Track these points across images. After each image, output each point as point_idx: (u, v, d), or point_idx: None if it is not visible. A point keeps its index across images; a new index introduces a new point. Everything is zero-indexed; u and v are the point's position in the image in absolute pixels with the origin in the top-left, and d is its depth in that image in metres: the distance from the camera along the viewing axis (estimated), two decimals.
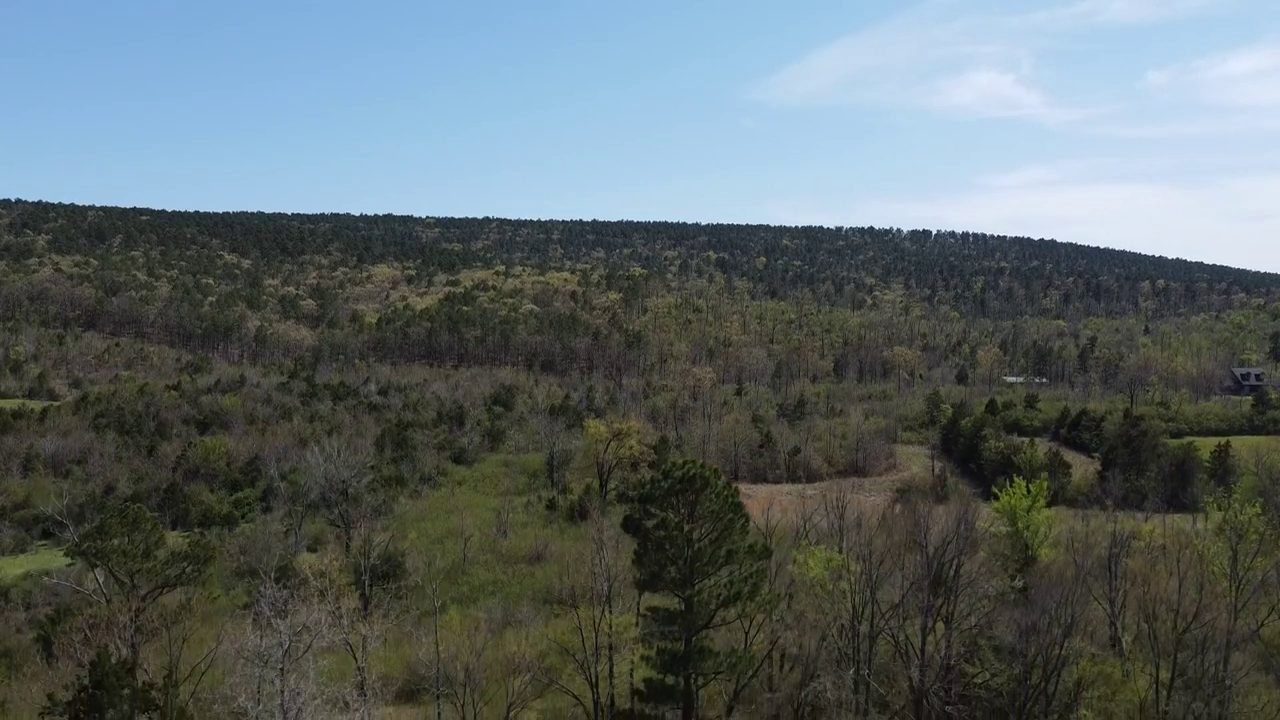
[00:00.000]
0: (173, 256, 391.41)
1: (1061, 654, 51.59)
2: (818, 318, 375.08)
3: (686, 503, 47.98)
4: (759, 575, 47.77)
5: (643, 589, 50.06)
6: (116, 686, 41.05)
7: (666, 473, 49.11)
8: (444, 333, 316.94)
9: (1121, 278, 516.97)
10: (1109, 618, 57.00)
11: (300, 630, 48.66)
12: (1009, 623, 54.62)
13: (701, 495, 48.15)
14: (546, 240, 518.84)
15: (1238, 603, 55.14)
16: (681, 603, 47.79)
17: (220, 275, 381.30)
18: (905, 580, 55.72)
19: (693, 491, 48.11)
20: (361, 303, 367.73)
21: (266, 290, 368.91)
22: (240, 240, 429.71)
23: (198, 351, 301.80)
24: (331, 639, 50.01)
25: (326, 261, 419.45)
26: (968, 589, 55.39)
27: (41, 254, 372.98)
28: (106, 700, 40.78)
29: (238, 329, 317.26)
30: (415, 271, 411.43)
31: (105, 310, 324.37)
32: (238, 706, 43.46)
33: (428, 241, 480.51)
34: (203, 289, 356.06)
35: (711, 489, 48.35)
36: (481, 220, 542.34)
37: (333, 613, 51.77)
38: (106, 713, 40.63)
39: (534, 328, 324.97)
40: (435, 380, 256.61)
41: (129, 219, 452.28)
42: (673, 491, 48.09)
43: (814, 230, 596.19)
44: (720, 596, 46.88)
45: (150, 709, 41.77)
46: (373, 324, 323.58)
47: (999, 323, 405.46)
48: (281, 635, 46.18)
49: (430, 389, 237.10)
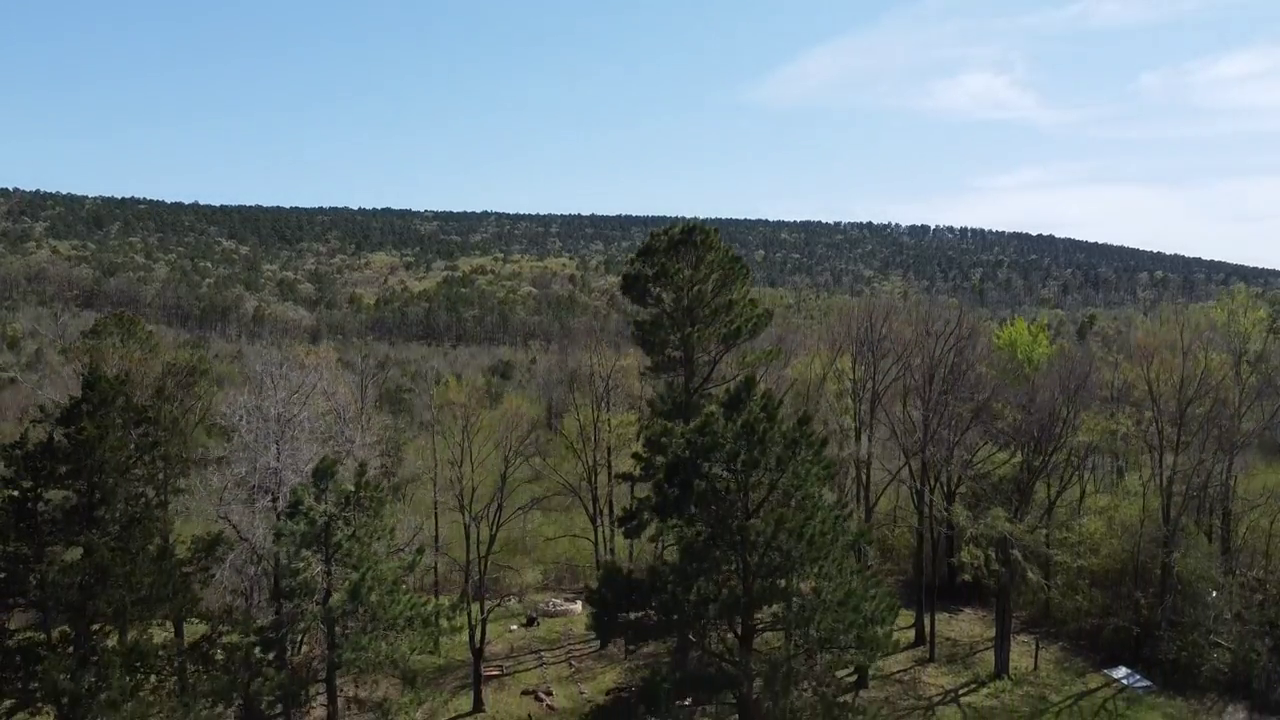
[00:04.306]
0: (171, 243, 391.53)
1: (1067, 420, 51.09)
2: (816, 303, 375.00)
3: (690, 255, 47.39)
4: (760, 319, 47.18)
5: (640, 343, 49.36)
6: (109, 396, 40.29)
7: (668, 228, 48.51)
8: (442, 313, 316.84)
9: (1119, 269, 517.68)
10: (1111, 393, 56.49)
11: (298, 388, 48.17)
12: (1012, 402, 54.09)
13: (704, 248, 47.59)
14: (545, 233, 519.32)
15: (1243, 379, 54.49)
16: (680, 347, 47.16)
17: (218, 260, 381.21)
18: (908, 369, 55.28)
19: (695, 244, 47.55)
20: (360, 287, 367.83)
21: (265, 275, 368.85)
22: (239, 228, 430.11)
23: (195, 331, 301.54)
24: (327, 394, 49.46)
25: (325, 249, 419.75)
26: (969, 372, 54.96)
27: (40, 239, 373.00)
28: (98, 410, 39.97)
29: (235, 309, 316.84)
30: (414, 258, 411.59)
31: (103, 290, 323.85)
32: (229, 423, 42.81)
33: (426, 234, 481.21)
34: (200, 272, 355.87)
35: (714, 244, 47.81)
36: (480, 214, 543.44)
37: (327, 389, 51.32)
38: (97, 420, 39.81)
39: (532, 309, 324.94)
40: (434, 356, 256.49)
41: (127, 207, 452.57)
42: (677, 244, 47.50)
43: (812, 225, 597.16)
44: (721, 334, 46.29)
45: (143, 421, 40.98)
46: (371, 305, 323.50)
47: (997, 312, 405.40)
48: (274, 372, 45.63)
49: (429, 364, 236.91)
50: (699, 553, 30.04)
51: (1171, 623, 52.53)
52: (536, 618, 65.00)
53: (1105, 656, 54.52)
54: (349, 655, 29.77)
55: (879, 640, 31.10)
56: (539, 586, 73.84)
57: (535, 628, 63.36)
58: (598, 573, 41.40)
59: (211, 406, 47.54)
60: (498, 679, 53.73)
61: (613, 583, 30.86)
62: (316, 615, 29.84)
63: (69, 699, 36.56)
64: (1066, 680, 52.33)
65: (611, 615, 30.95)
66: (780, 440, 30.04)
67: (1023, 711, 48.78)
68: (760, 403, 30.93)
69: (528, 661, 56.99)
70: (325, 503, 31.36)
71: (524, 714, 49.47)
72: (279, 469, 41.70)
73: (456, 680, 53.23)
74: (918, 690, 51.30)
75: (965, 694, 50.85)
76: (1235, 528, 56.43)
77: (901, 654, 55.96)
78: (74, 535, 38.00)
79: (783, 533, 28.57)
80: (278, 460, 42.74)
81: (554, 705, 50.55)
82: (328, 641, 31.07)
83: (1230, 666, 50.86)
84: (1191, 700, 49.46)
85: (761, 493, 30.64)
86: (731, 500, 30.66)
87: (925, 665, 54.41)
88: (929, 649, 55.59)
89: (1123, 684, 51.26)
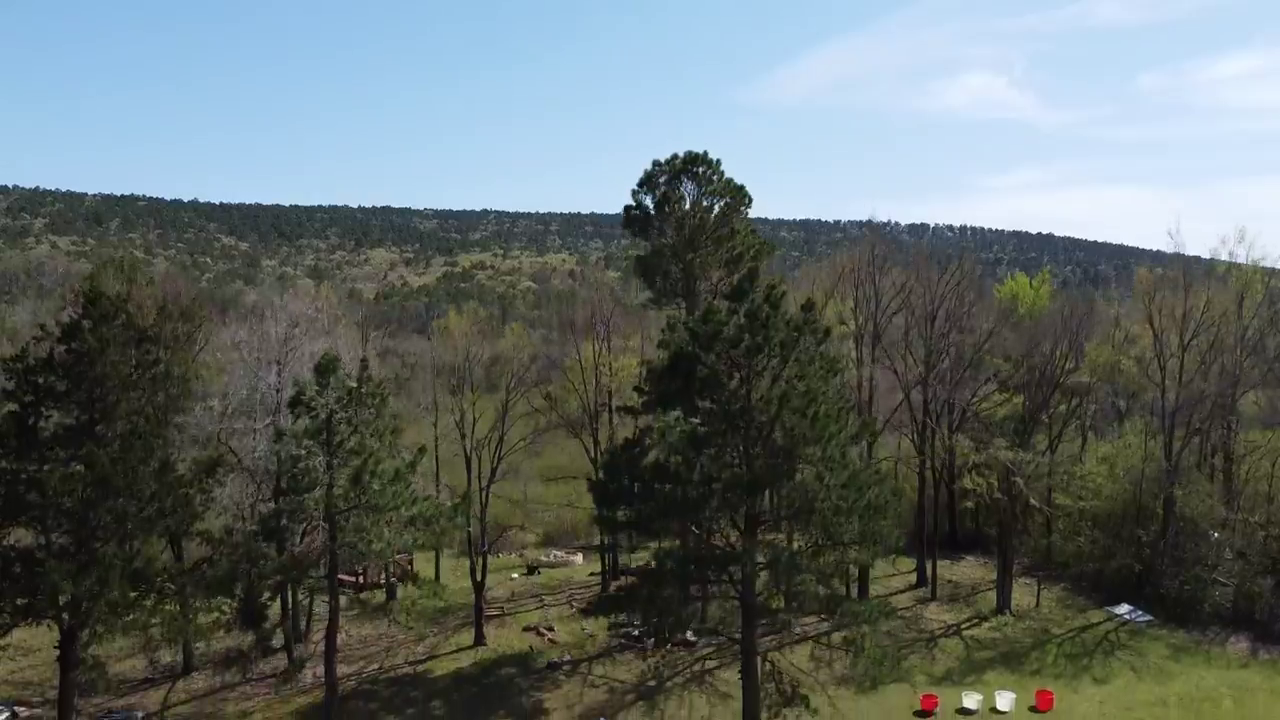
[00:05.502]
0: (170, 239, 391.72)
1: (1069, 352, 51.06)
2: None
3: (692, 183, 47.43)
4: (762, 247, 47.15)
5: (641, 275, 49.31)
6: (110, 313, 40.13)
7: (670, 157, 48.45)
8: (442, 307, 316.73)
9: (1119, 267, 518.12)
10: (1114, 320, 56.46)
11: (297, 320, 48.19)
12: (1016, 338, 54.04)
13: (705, 178, 47.65)
14: (545, 231, 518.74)
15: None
16: (680, 268, 47.13)
17: (218, 255, 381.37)
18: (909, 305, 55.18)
19: (697, 173, 47.59)
20: (359, 283, 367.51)
21: (264, 270, 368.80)
22: (238, 225, 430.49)
23: None
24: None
25: (324, 245, 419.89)
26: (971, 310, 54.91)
27: (39, 235, 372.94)
28: (98, 326, 39.77)
29: (235, 304, 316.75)
30: (414, 255, 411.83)
31: None
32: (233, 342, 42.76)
33: (426, 231, 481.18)
34: (200, 267, 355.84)
35: (717, 171, 47.81)
36: (480, 212, 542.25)
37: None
38: (98, 335, 39.63)
39: (532, 303, 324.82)
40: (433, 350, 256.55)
41: (126, 204, 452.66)
42: (679, 172, 47.48)
43: (811, 224, 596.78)
44: (723, 260, 46.27)
45: (144, 340, 40.78)
46: (370, 299, 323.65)
47: None
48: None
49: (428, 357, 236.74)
50: (702, 438, 29.92)
51: (1174, 558, 52.43)
52: (537, 568, 64.94)
53: (1107, 596, 54.41)
54: (350, 538, 29.65)
55: (882, 532, 31.02)
56: (538, 544, 73.90)
57: (536, 576, 63.30)
58: None
59: (212, 335, 47.46)
60: (499, 618, 53.63)
61: (614, 469, 30.76)
62: (319, 502, 29.72)
63: (70, 604, 36.45)
64: (1069, 616, 52.24)
65: (612, 505, 30.84)
66: (784, 326, 29.97)
67: (1025, 643, 48.68)
68: (764, 293, 30.87)
69: (529, 605, 56.89)
70: (327, 397, 31.26)
71: (525, 647, 49.34)
72: (280, 386, 41.71)
73: (458, 620, 53.12)
74: (920, 625, 51.19)
75: (967, 628, 50.76)
76: (1237, 469, 56.31)
77: (904, 594, 56.16)
78: (75, 451, 37.83)
79: (787, 410, 28.47)
80: (278, 380, 42.76)
81: (555, 639, 50.42)
82: (329, 534, 30.96)
83: (1232, 602, 50.78)
84: (1194, 632, 49.35)
85: (765, 381, 30.53)
86: (734, 390, 30.56)
87: (927, 604, 54.33)
88: (931, 590, 55.53)
89: (1124, 619, 51.15)
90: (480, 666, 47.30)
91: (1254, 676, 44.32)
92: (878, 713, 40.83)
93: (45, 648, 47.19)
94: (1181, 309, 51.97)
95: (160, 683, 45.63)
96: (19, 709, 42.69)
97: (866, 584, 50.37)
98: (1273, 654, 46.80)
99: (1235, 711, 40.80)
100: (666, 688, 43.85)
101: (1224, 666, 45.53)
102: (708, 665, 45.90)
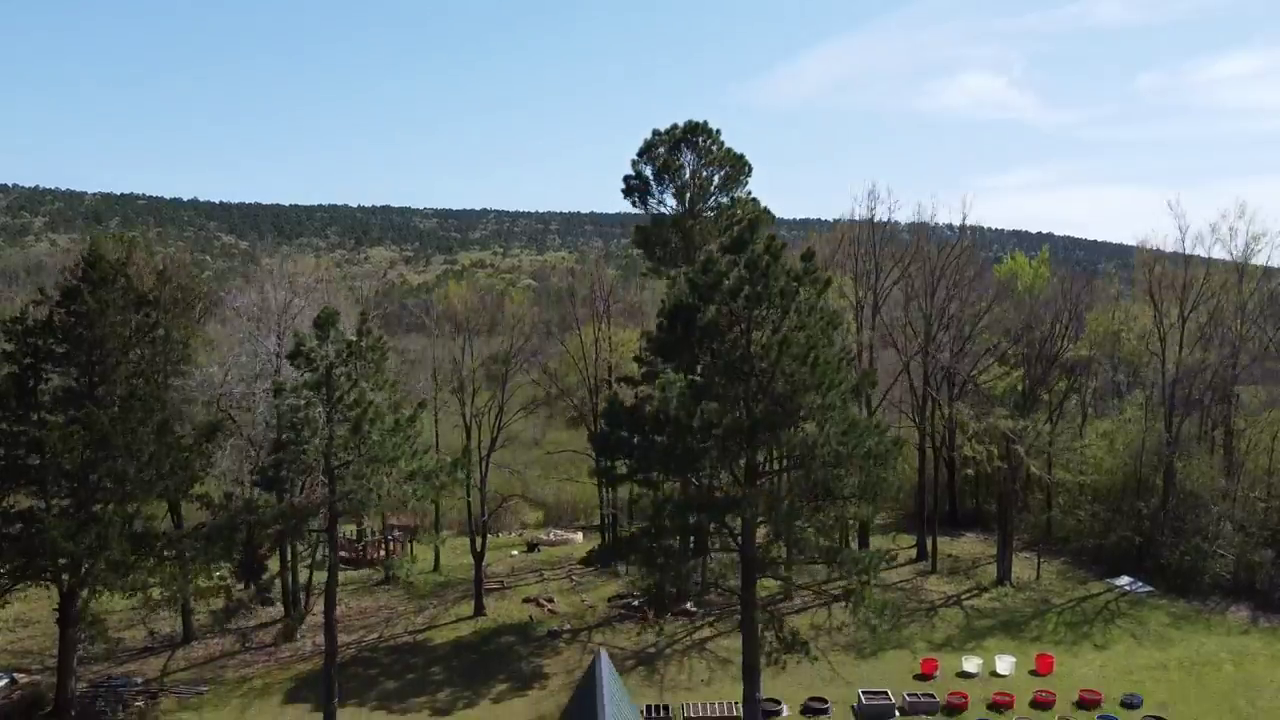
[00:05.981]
0: (170, 237, 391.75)
1: (1070, 323, 51.04)
2: None
3: (692, 146, 47.38)
4: (763, 215, 47.12)
5: (640, 245, 49.29)
6: (109, 275, 40.10)
7: (671, 126, 48.41)
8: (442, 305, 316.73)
9: (1119, 266, 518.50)
10: (1114, 297, 56.38)
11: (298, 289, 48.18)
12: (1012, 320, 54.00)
13: (706, 146, 47.62)
14: (545, 230, 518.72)
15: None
16: (680, 237, 47.11)
17: (218, 254, 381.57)
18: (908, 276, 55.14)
19: (697, 142, 47.57)
20: (359, 281, 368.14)
21: (264, 267, 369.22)
22: (238, 223, 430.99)
23: None
24: None
25: (324, 244, 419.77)
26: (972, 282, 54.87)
27: (39, 233, 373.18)
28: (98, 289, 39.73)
29: None
30: (413, 253, 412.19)
31: None
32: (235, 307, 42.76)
33: (426, 230, 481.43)
34: (199, 264, 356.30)
35: (717, 140, 47.79)
36: (480, 211, 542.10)
37: None
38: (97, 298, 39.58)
39: (532, 300, 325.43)
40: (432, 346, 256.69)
41: (126, 203, 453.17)
42: (680, 141, 47.45)
43: (811, 223, 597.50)
44: (723, 227, 46.24)
45: (144, 304, 40.72)
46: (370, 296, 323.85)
47: None
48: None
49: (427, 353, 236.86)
50: (702, 388, 29.89)
51: (1175, 530, 52.38)
52: (538, 545, 64.90)
53: (1107, 568, 54.37)
54: (349, 486, 29.59)
55: (881, 484, 30.97)
56: (539, 525, 73.95)
57: (537, 553, 63.24)
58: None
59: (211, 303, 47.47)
60: (499, 591, 53.59)
61: (615, 418, 30.71)
62: (318, 449, 29.66)
63: (69, 564, 36.41)
64: (1069, 587, 52.22)
65: (612, 455, 30.79)
66: (784, 275, 29.94)
67: (1025, 612, 48.66)
68: (764, 243, 30.84)
69: (529, 579, 56.84)
70: (327, 349, 31.23)
71: (525, 617, 49.30)
72: (279, 352, 41.66)
73: (458, 593, 53.11)
74: (920, 596, 51.16)
75: (968, 599, 50.72)
76: (1238, 443, 56.29)
77: (904, 567, 56.11)
78: (74, 413, 37.76)
79: (787, 357, 28.44)
80: (278, 346, 42.73)
81: (555, 610, 50.37)
82: (328, 487, 30.91)
83: (1233, 573, 50.75)
84: (1195, 602, 49.32)
85: (766, 332, 30.49)
86: (734, 339, 30.53)
87: (927, 576, 54.29)
88: (931, 564, 55.49)
89: (1125, 589, 51.11)
90: (480, 635, 47.30)
91: (1254, 642, 44.30)
92: (878, 676, 40.80)
93: (44, 619, 47.28)
94: (1182, 279, 51.96)
95: (159, 651, 45.65)
96: (18, 675, 42.65)
97: (866, 543, 50.40)
98: (1273, 621, 46.79)
99: (1235, 674, 40.78)
100: (666, 654, 43.84)
101: (1224, 633, 45.51)
102: (708, 634, 45.91)
